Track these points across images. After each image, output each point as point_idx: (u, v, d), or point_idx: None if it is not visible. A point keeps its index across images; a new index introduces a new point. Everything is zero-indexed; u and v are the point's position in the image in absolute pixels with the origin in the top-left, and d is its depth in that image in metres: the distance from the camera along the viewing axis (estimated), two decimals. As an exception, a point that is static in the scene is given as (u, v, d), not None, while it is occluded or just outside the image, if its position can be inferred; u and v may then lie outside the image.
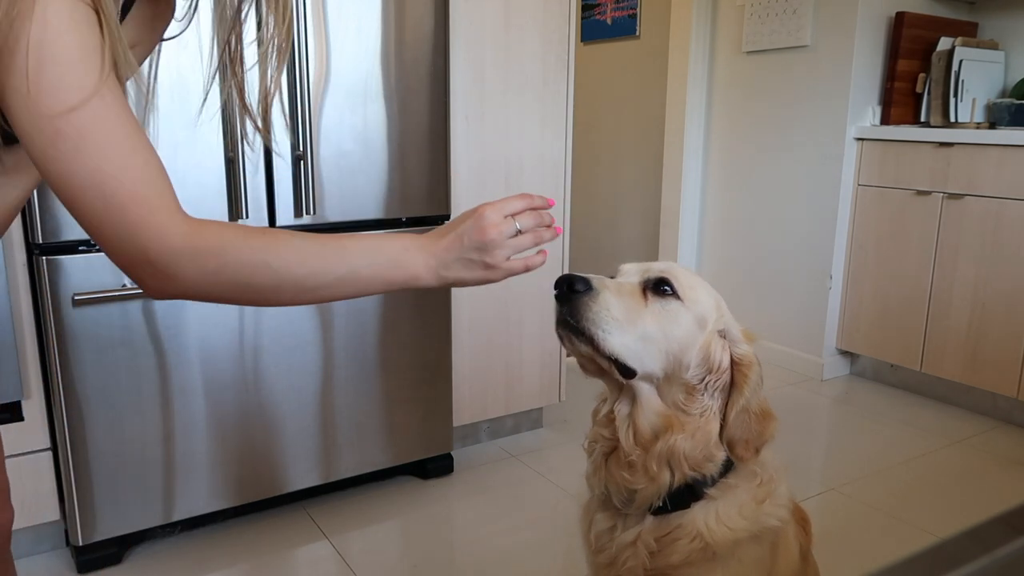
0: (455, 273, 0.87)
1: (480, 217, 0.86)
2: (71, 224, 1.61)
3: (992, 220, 2.59)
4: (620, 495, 0.99)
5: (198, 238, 0.73)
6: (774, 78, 3.18)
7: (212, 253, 0.74)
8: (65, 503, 1.75)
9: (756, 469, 0.99)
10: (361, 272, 0.83)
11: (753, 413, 0.97)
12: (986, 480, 2.30)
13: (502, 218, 0.87)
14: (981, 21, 3.14)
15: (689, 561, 0.96)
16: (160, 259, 0.71)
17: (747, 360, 0.98)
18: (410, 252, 0.85)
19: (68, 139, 0.67)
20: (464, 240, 0.86)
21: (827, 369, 3.13)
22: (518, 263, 0.89)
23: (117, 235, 0.70)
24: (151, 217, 0.70)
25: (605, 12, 4.04)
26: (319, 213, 1.89)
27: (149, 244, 0.71)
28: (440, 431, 2.19)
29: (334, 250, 0.82)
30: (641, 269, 1.00)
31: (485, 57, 2.16)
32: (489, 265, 0.87)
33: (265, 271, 0.77)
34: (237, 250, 0.75)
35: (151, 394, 1.76)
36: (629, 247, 4.03)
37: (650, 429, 0.97)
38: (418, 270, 0.85)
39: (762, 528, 0.98)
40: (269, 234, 0.79)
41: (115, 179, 0.69)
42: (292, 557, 1.86)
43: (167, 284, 0.74)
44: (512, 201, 0.89)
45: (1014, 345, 2.57)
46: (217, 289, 0.76)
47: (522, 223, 0.88)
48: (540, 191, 2.32)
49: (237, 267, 0.75)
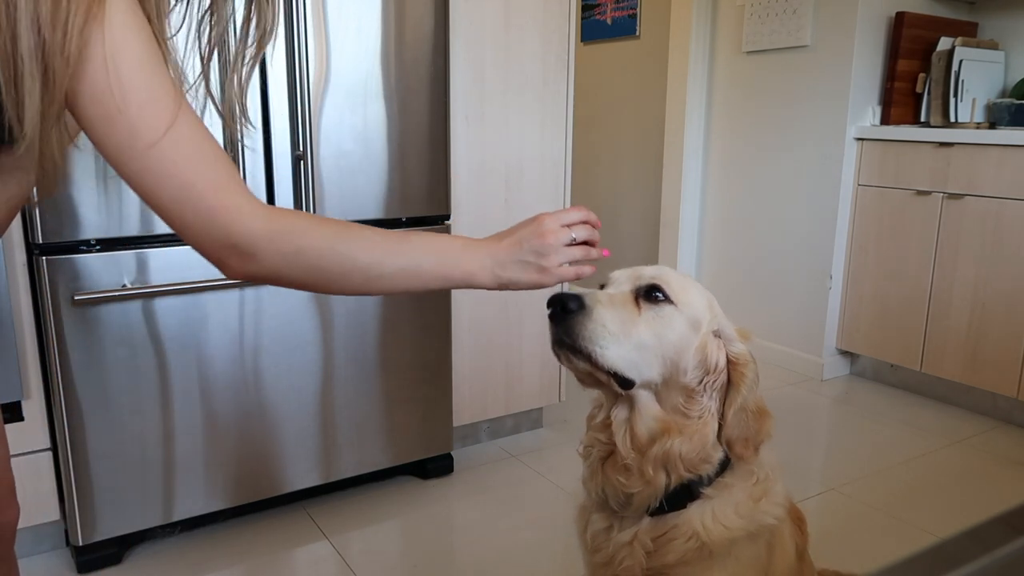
0: (510, 273, 0.92)
1: (540, 224, 0.92)
2: (71, 224, 1.61)
3: (992, 220, 2.59)
4: (617, 498, 0.99)
5: (275, 222, 0.79)
6: (774, 78, 3.18)
7: (289, 236, 0.79)
8: (65, 503, 1.75)
9: (753, 468, 1.00)
10: (423, 266, 0.88)
11: (750, 411, 0.97)
12: (986, 480, 2.30)
13: (559, 226, 0.92)
14: (981, 21, 3.14)
15: (685, 560, 0.97)
16: (242, 240, 0.77)
17: (743, 359, 0.98)
18: (469, 251, 0.91)
19: (159, 151, 0.73)
20: (523, 244, 0.92)
21: (827, 369, 3.13)
22: (569, 269, 0.94)
23: (200, 221, 0.76)
24: (231, 201, 0.76)
25: (605, 12, 4.04)
26: (319, 213, 1.89)
27: (232, 227, 0.76)
28: (440, 431, 2.19)
29: (397, 242, 0.87)
30: (632, 276, 1.00)
31: (485, 57, 2.16)
32: (543, 268, 0.92)
33: (335, 256, 0.82)
34: (311, 235, 0.81)
35: (151, 394, 1.76)
36: (629, 247, 4.03)
37: (647, 434, 0.97)
38: (474, 268, 0.90)
39: (759, 527, 0.98)
40: (340, 223, 0.86)
41: (193, 169, 0.74)
42: (292, 557, 1.86)
43: (248, 264, 0.79)
44: (570, 212, 0.95)
45: (1014, 345, 2.57)
46: (293, 271, 0.81)
47: (577, 233, 0.93)
48: (540, 191, 2.32)
49: (311, 251, 0.81)
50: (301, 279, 0.83)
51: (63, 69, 0.67)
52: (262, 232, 0.77)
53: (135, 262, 1.69)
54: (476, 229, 2.22)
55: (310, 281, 0.83)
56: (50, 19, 0.66)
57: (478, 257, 0.90)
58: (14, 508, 1.08)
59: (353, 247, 0.84)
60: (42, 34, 0.66)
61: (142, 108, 0.72)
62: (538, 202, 2.33)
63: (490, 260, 0.91)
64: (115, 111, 0.71)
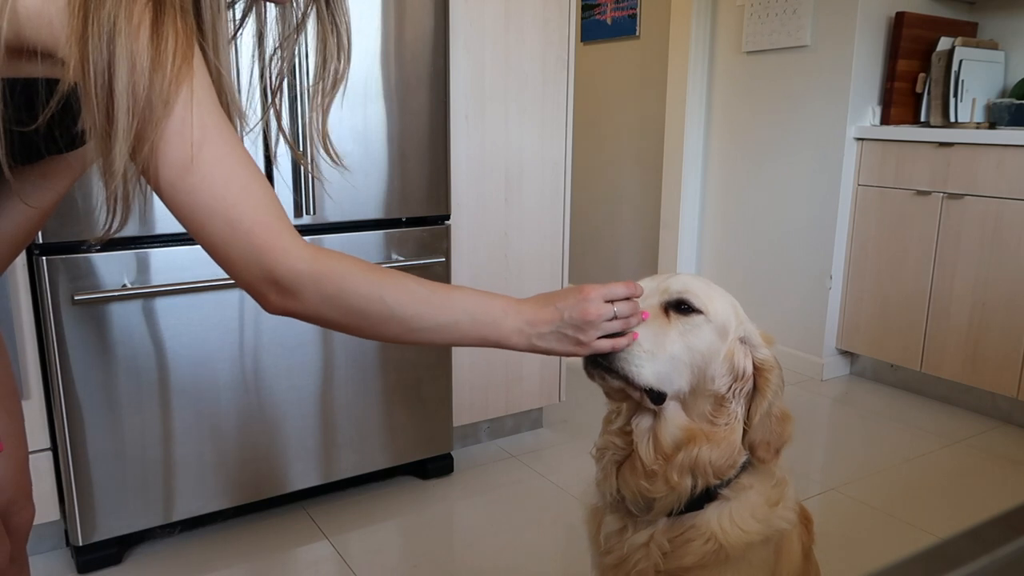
0: (548, 344, 0.92)
1: (585, 299, 0.91)
2: (71, 224, 1.61)
3: (992, 220, 2.59)
4: (636, 503, 0.99)
5: (320, 263, 0.80)
6: (774, 78, 3.18)
7: (333, 279, 0.80)
8: (65, 503, 1.75)
9: (774, 470, 1.00)
10: (461, 325, 0.89)
11: (775, 416, 0.97)
12: (986, 480, 2.30)
13: (603, 301, 0.91)
14: (981, 21, 3.14)
15: (702, 563, 0.96)
16: (285, 279, 0.78)
17: (768, 364, 0.98)
18: (509, 316, 0.91)
19: (199, 180, 0.74)
20: (564, 315, 0.91)
21: (827, 369, 3.13)
22: (606, 343, 0.92)
23: (244, 257, 0.77)
24: (277, 240, 0.77)
25: (605, 12, 4.04)
26: (319, 213, 1.89)
27: (276, 265, 0.77)
28: (440, 431, 2.19)
29: (442, 299, 0.88)
30: (659, 289, 0.99)
31: (485, 57, 2.16)
32: (581, 343, 0.91)
33: (378, 304, 0.83)
34: (355, 279, 0.82)
35: (151, 394, 1.76)
36: (629, 247, 4.03)
37: (672, 442, 0.96)
38: (510, 334, 0.91)
39: (774, 531, 0.99)
40: (385, 271, 0.86)
41: (239, 208, 0.76)
42: (292, 557, 1.86)
43: (289, 303, 0.80)
44: (616, 287, 0.93)
45: (1014, 345, 2.57)
46: (333, 313, 0.82)
47: (619, 309, 0.92)
48: (540, 191, 2.33)
49: (354, 296, 0.82)
50: (340, 321, 0.83)
51: (161, 109, 0.71)
52: (307, 272, 0.78)
53: (135, 262, 1.69)
54: (476, 229, 2.22)
55: (349, 324, 0.84)
56: (150, 65, 0.69)
57: (517, 324, 0.91)
58: (30, 509, 1.10)
59: (397, 297, 0.84)
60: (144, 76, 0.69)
61: (201, 148, 0.74)
62: (538, 202, 2.33)
63: (529, 328, 0.91)
64: (187, 159, 0.73)
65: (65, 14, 0.67)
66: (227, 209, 0.75)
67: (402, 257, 2.02)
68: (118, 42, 0.68)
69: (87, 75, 0.67)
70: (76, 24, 0.67)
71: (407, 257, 2.02)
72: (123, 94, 0.68)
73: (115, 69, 0.68)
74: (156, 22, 0.70)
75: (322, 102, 0.94)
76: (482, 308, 0.90)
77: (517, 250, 2.32)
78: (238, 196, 0.76)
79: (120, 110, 0.68)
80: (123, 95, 0.68)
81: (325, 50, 0.92)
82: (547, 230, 2.37)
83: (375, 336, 0.86)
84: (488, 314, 0.90)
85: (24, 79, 0.73)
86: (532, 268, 2.36)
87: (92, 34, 0.67)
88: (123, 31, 0.68)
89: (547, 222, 2.37)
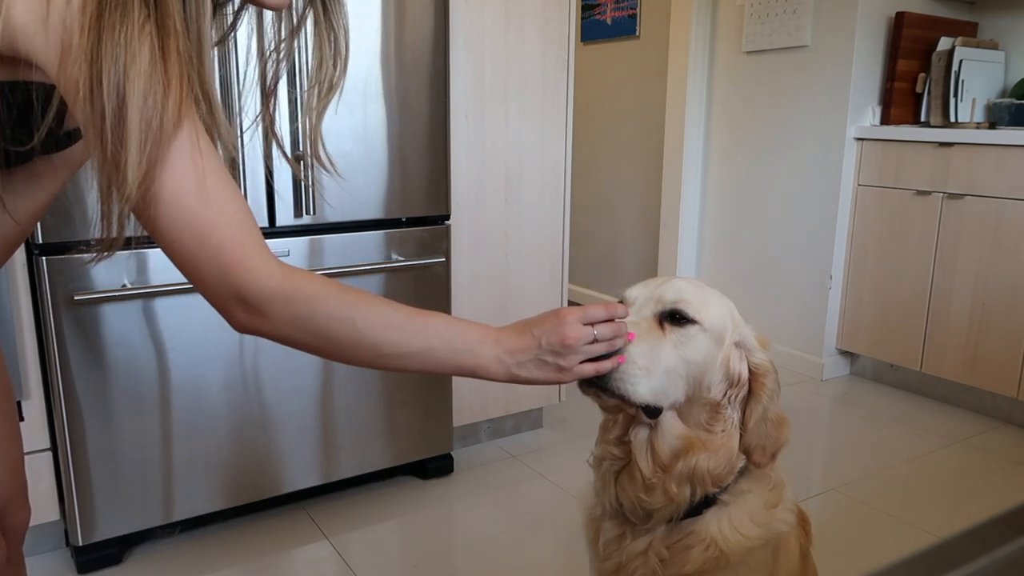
0: (527, 372, 0.89)
1: (562, 324, 0.87)
2: (71, 224, 1.61)
3: (992, 220, 2.59)
4: (635, 512, 0.98)
5: (291, 283, 0.77)
6: (774, 78, 3.17)
7: (303, 300, 0.78)
8: (65, 503, 1.75)
9: (771, 474, 0.99)
10: (436, 352, 0.85)
11: (770, 420, 0.96)
12: (986, 480, 2.30)
13: (582, 326, 0.88)
14: (981, 21, 3.14)
15: (703, 570, 0.96)
16: (253, 298, 0.76)
17: (763, 368, 0.97)
18: (486, 344, 0.87)
19: (165, 199, 0.72)
20: (542, 342, 0.88)
21: (827, 369, 3.13)
22: (589, 367, 0.89)
23: (212, 274, 0.75)
24: (247, 259, 0.75)
25: (605, 12, 4.04)
26: (319, 214, 1.89)
27: (244, 284, 0.75)
28: (440, 431, 2.19)
29: (418, 325, 0.85)
30: (653, 298, 0.96)
31: (485, 57, 2.16)
32: (563, 368, 0.88)
33: (349, 328, 0.80)
34: (326, 302, 0.79)
35: (151, 394, 1.76)
36: (629, 247, 4.03)
37: (670, 452, 0.95)
38: (488, 363, 0.87)
39: (773, 534, 0.98)
40: (358, 293, 0.83)
41: (210, 223, 0.74)
42: (292, 557, 1.86)
43: (255, 321, 0.78)
44: (596, 309, 0.90)
45: (1014, 345, 2.57)
46: (301, 336, 0.80)
47: (600, 332, 0.88)
48: (540, 191, 2.33)
49: (324, 318, 0.79)
50: (310, 344, 0.81)
51: (171, 132, 0.70)
52: (276, 291, 0.76)
53: (135, 262, 1.69)
54: (476, 229, 2.22)
55: (319, 347, 0.82)
56: (162, 97, 0.68)
57: (495, 352, 0.87)
58: (26, 510, 1.10)
59: (369, 322, 0.81)
60: (156, 102, 0.69)
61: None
62: (538, 202, 2.33)
63: (509, 357, 0.88)
64: (193, 188, 0.73)
65: (60, 34, 0.66)
66: (198, 226, 0.73)
67: (402, 257, 2.02)
68: (131, 70, 0.66)
69: (95, 103, 0.66)
70: (87, 44, 0.65)
71: (407, 257, 2.02)
72: (135, 122, 0.67)
73: (128, 98, 0.66)
74: (163, 48, 0.68)
75: (316, 107, 0.92)
76: (459, 335, 0.86)
77: (517, 250, 2.32)
78: (211, 213, 0.74)
79: (132, 137, 0.67)
80: (135, 123, 0.67)
81: (321, 56, 0.90)
82: (547, 230, 2.37)
83: (347, 360, 0.84)
84: (464, 342, 0.86)
85: (11, 82, 0.72)
86: (532, 268, 2.36)
87: (104, 62, 0.66)
88: (134, 61, 0.67)
89: (547, 222, 2.37)
